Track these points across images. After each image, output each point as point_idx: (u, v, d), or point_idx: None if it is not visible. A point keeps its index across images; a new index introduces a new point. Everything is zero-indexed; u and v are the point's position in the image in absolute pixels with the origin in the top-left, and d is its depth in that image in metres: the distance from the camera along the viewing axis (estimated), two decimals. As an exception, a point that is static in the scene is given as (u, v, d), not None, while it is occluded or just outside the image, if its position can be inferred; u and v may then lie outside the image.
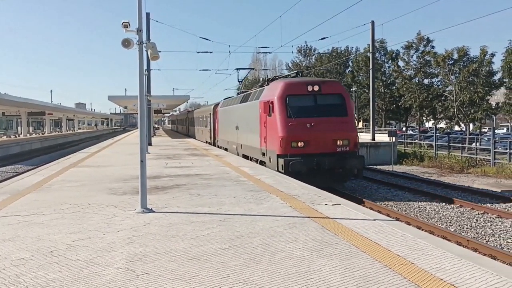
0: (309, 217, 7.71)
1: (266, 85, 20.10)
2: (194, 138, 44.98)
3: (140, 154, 8.66)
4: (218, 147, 29.92)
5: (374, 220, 7.49)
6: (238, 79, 31.52)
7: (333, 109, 16.66)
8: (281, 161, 15.92)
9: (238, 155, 22.55)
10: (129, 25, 8.24)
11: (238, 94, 28.79)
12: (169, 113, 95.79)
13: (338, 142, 16.42)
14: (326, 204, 8.83)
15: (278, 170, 15.62)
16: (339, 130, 16.48)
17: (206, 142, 36.30)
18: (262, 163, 18.34)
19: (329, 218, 7.64)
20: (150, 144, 29.00)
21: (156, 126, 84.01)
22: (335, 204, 8.83)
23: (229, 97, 31.18)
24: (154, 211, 8.36)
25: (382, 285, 4.56)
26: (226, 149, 26.71)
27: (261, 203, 9.02)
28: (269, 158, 17.20)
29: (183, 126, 62.72)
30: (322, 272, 4.97)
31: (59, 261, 5.50)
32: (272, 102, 16.74)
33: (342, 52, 60.93)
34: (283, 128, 16.14)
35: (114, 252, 5.84)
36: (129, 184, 12.03)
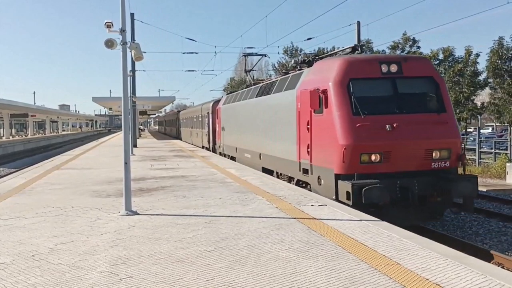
0: (295, 218, 7.68)
1: (298, 69, 14.21)
2: (187, 142, 39.34)
3: (124, 156, 8.55)
4: (220, 154, 24.12)
5: (360, 220, 7.48)
6: (245, 69, 23.95)
7: (423, 100, 10.96)
8: (344, 185, 9.79)
9: (253, 167, 16.70)
10: (112, 25, 8.14)
11: (247, 87, 22.36)
12: (155, 114, 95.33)
13: (434, 154, 10.41)
14: (312, 205, 8.81)
15: (337, 199, 10.03)
16: (435, 135, 10.42)
17: (203, 147, 30.36)
18: (300, 183, 12.51)
19: (315, 219, 7.62)
20: (135, 146, 28.80)
21: (141, 127, 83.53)
22: (321, 205, 8.81)
23: (233, 92, 25.35)
24: (138, 214, 8.27)
25: (368, 285, 4.54)
26: (233, 158, 20.97)
27: (247, 205, 8.97)
28: (318, 178, 11.12)
29: (172, 128, 56.99)
30: (308, 273, 4.94)
31: (41, 265, 5.39)
32: (324, 91, 10.74)
33: (328, 52, 61.25)
34: (347, 132, 10.08)
35: (97, 255, 5.75)
36: (113, 186, 11.90)
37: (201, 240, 6.37)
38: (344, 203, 9.44)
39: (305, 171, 11.95)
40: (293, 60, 13.94)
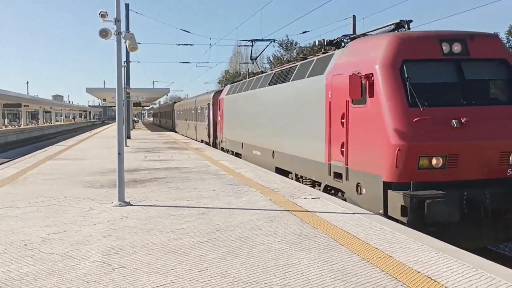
0: (288, 210, 7.70)
1: (323, 52, 12.05)
2: (184, 135, 37.04)
3: (117, 146, 8.53)
4: (222, 149, 22.19)
5: (353, 213, 7.51)
6: (251, 56, 21.43)
7: (496, 89, 8.92)
8: (398, 197, 7.67)
9: (264, 167, 14.42)
10: (107, 15, 8.09)
11: (253, 75, 19.40)
12: (149, 106, 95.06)
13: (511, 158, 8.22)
14: (305, 198, 8.83)
15: (385, 214, 7.95)
16: None
17: (202, 141, 28.48)
18: (329, 190, 10.32)
19: (308, 211, 7.64)
20: (129, 137, 28.71)
21: (135, 119, 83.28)
22: (314, 198, 8.84)
23: (237, 81, 22.73)
24: (131, 204, 8.26)
25: (360, 277, 4.57)
26: (239, 155, 18.77)
27: (241, 197, 8.98)
28: (358, 186, 8.94)
29: (168, 120, 54.63)
30: (300, 265, 4.96)
31: (33, 254, 5.38)
32: (368, 76, 8.58)
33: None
34: (402, 128, 7.94)
35: (90, 245, 5.74)
36: (106, 177, 11.87)
37: (194, 231, 6.38)
38: (395, 220, 7.51)
39: (337, 176, 9.71)
40: (316, 41, 11.68)
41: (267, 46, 23.82)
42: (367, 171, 8.55)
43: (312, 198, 8.79)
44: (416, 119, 7.87)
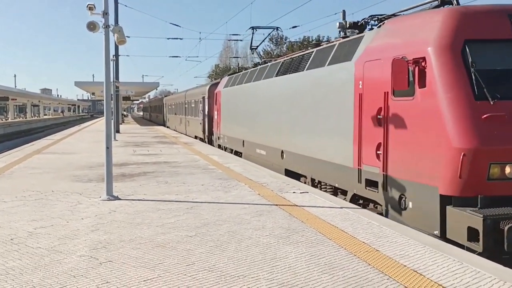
0: (276, 205, 7.73)
1: (343, 36, 10.55)
2: (175, 130, 35.87)
3: (105, 140, 8.48)
4: (218, 146, 20.71)
5: (341, 208, 7.55)
6: (251, 46, 19.61)
7: None
8: (464, 217, 6.10)
9: (271, 168, 12.95)
10: (95, 7, 8.02)
11: (254, 66, 18.11)
12: (138, 100, 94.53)
13: None
14: (294, 192, 8.85)
15: (442, 236, 6.40)
16: None
17: (196, 137, 26.97)
18: (357, 200, 8.83)
19: (296, 205, 7.67)
20: (118, 131, 28.57)
21: (124, 113, 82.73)
22: (303, 192, 8.87)
23: (236, 73, 20.63)
24: (120, 199, 8.23)
25: (346, 271, 4.60)
26: (239, 154, 17.34)
27: (229, 191, 8.99)
28: (401, 199, 7.30)
29: (159, 114, 53.44)
30: (288, 259, 4.98)
31: (19, 249, 5.35)
32: (419, 60, 6.92)
33: (314, 41, 61.15)
34: (468, 127, 6.30)
35: (77, 239, 5.72)
36: (94, 171, 11.81)
37: (182, 226, 6.38)
38: (457, 245, 5.93)
39: (371, 184, 8.11)
40: (338, 23, 10.39)
41: (270, 33, 21.36)
42: (416, 180, 6.91)
43: (300, 193, 8.82)
44: (485, 116, 6.27)
